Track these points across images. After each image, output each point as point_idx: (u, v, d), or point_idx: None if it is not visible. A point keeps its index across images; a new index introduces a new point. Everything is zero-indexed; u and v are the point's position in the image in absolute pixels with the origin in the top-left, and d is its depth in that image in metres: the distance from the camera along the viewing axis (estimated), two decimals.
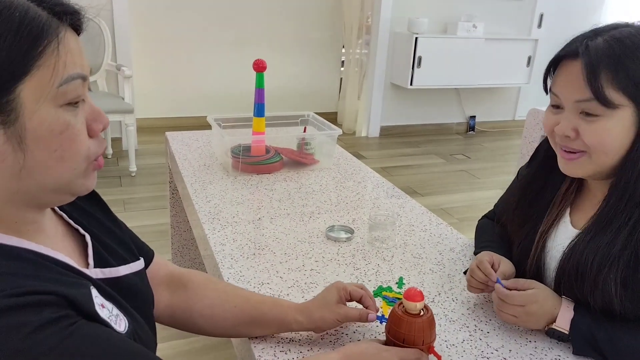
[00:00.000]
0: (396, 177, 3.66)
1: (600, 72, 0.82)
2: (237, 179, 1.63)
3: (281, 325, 0.88)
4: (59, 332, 0.50)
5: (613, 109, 0.82)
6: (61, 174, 0.58)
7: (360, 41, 4.74)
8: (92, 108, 0.62)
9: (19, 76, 0.53)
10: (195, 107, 4.58)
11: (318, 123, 1.90)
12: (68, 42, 0.57)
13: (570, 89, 0.86)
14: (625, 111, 0.83)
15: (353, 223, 1.36)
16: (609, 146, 0.85)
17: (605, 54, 0.82)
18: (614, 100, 0.82)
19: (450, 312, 1.01)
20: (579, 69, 0.84)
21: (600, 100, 0.82)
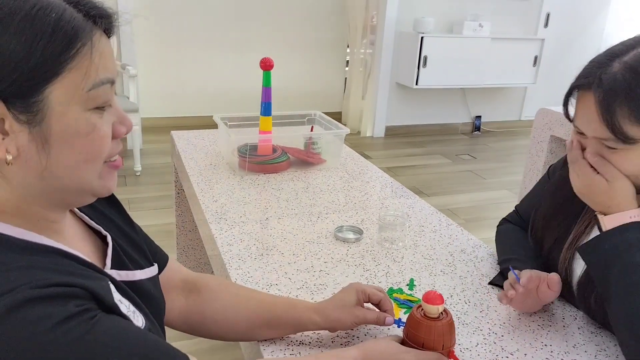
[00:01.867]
0: (401, 177, 3.64)
1: (615, 108, 0.78)
2: (244, 179, 1.61)
3: (297, 326, 0.87)
4: (83, 324, 0.50)
5: (636, 144, 0.80)
6: (83, 175, 0.59)
7: (365, 41, 4.72)
8: (118, 111, 0.62)
9: (50, 77, 0.53)
10: (200, 107, 4.57)
11: (325, 122, 1.88)
12: (100, 46, 0.57)
13: (588, 124, 0.83)
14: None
15: (362, 223, 1.34)
16: (635, 173, 0.83)
17: (620, 87, 0.78)
18: (634, 135, 0.79)
19: (463, 314, 0.99)
20: (593, 105, 0.81)
21: (619, 137, 0.79)
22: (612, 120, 0.79)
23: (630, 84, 0.77)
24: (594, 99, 0.80)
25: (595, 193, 0.86)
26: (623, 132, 0.79)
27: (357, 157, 1.89)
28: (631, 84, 0.77)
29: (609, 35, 5.21)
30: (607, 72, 0.80)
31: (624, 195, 0.84)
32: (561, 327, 0.96)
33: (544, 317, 0.99)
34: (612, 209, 0.85)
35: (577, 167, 0.88)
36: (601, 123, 0.80)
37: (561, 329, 0.96)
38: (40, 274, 0.52)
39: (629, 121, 0.78)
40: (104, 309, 0.55)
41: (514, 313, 1.00)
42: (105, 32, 0.59)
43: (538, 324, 0.97)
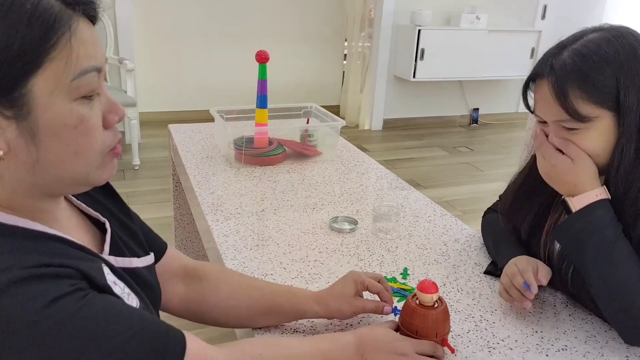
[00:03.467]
0: (399, 169, 3.65)
1: (568, 90, 0.84)
2: (240, 171, 1.62)
3: (297, 315, 0.88)
4: (75, 302, 0.51)
5: (591, 122, 0.85)
6: (76, 167, 0.58)
7: (362, 34, 4.72)
8: (108, 100, 0.61)
9: (32, 70, 0.52)
10: (198, 101, 4.57)
11: (321, 115, 1.89)
12: (81, 33, 0.55)
13: (547, 110, 0.89)
14: (603, 119, 0.85)
15: (357, 214, 1.35)
16: (596, 151, 0.87)
17: (570, 71, 0.84)
18: (588, 114, 0.84)
19: (455, 302, 1.00)
20: (548, 90, 0.86)
21: (575, 117, 0.84)
22: (566, 102, 0.84)
23: (579, 67, 0.84)
24: (548, 85, 0.86)
25: (561, 173, 0.89)
26: (577, 112, 0.84)
27: (353, 149, 1.90)
28: (580, 66, 0.84)
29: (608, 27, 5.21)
30: (558, 59, 0.86)
31: (588, 174, 0.87)
32: (552, 314, 0.98)
33: (535, 304, 1.00)
34: (578, 189, 0.88)
35: (543, 150, 0.91)
36: (557, 106, 0.85)
37: (552, 315, 0.97)
38: (33, 256, 0.53)
39: (581, 100, 0.84)
40: (96, 289, 0.56)
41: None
42: (88, 18, 0.58)
43: (529, 311, 0.98)
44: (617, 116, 0.84)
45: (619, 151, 0.85)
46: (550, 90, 0.86)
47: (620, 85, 0.82)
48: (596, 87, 0.83)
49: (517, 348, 0.88)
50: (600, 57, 0.83)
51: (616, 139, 0.86)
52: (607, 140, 0.86)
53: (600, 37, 0.86)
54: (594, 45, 0.85)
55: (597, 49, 0.84)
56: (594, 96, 0.83)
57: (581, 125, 0.85)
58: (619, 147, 0.85)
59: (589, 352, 0.88)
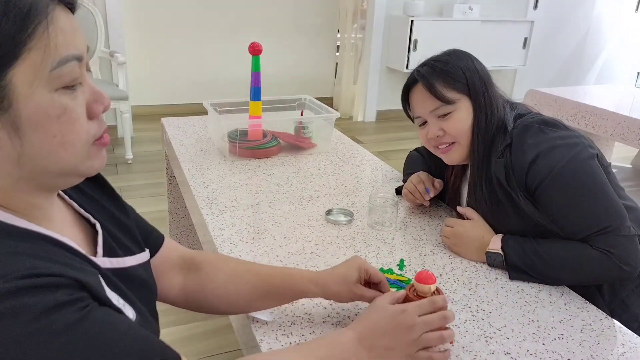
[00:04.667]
0: (393, 161, 3.65)
1: (435, 84, 1.13)
2: (235, 164, 1.61)
3: (295, 295, 0.89)
4: (74, 313, 0.49)
5: (455, 103, 1.13)
6: (64, 158, 0.57)
7: (355, 25, 4.70)
8: (92, 89, 0.59)
9: (9, 61, 0.51)
10: (191, 94, 4.54)
11: (315, 106, 1.89)
12: (59, 22, 0.54)
13: (423, 104, 1.16)
14: (463, 102, 1.13)
15: (352, 206, 1.35)
16: (465, 127, 1.14)
17: (432, 72, 1.15)
18: (452, 98, 1.13)
19: (452, 293, 1.00)
20: (422, 89, 1.15)
21: (444, 101, 1.13)
22: (435, 92, 1.13)
23: (438, 67, 1.14)
24: (421, 86, 1.15)
25: (460, 238, 1.15)
26: (445, 97, 1.12)
27: (347, 141, 1.89)
28: (439, 67, 1.14)
29: (598, 16, 5.21)
30: (422, 69, 1.16)
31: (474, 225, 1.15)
32: (548, 303, 0.99)
33: (531, 294, 1.01)
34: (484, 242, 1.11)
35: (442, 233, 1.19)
36: (431, 98, 1.13)
37: (548, 304, 0.98)
38: (28, 262, 0.50)
39: (445, 89, 1.13)
40: (96, 301, 0.54)
41: (501, 290, 1.02)
42: (67, 6, 0.56)
43: (525, 300, 0.99)
44: (471, 99, 1.13)
45: (476, 121, 1.13)
46: (423, 88, 1.14)
47: (465, 75, 1.13)
48: (452, 78, 1.13)
49: (513, 337, 0.88)
50: (449, 60, 1.15)
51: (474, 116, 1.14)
52: (469, 117, 1.14)
53: (446, 52, 1.19)
54: (444, 55, 1.18)
55: (447, 56, 1.17)
56: (452, 84, 1.13)
57: (450, 109, 1.13)
58: (476, 119, 1.13)
59: (585, 340, 0.89)
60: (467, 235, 1.13)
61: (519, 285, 1.04)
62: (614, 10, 5.21)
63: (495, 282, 1.04)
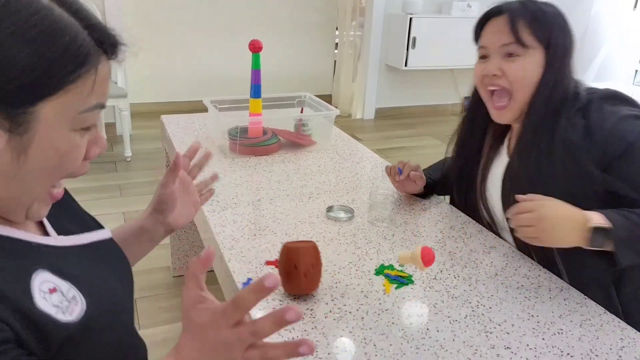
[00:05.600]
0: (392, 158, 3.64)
1: (519, 21, 1.07)
2: (235, 161, 1.62)
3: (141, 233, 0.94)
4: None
5: (527, 49, 1.07)
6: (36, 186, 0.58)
7: (354, 23, 4.70)
8: (97, 132, 0.62)
9: (46, 95, 0.53)
10: (189, 92, 4.54)
11: (315, 104, 1.89)
12: (102, 72, 0.58)
13: (496, 37, 1.10)
14: (537, 52, 1.08)
15: (352, 203, 1.36)
16: (527, 80, 1.08)
17: (523, 8, 1.09)
18: (528, 43, 1.07)
19: (452, 288, 1.01)
20: (503, 22, 1.09)
21: (519, 42, 1.07)
22: (516, 30, 1.07)
23: (529, 7, 1.09)
24: (505, 17, 1.09)
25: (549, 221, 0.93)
26: (521, 39, 1.07)
27: (347, 139, 1.90)
28: (530, 7, 1.09)
29: (596, 14, 5.23)
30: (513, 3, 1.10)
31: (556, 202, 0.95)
32: (547, 298, 0.99)
33: (531, 289, 1.02)
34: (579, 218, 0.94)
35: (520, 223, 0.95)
36: (508, 33, 1.08)
37: (547, 300, 0.99)
38: None
39: (526, 31, 1.07)
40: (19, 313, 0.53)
41: (501, 286, 1.03)
42: (109, 56, 0.60)
43: (525, 296, 1.00)
44: (546, 53, 1.08)
45: (544, 80, 1.07)
46: (505, 20, 1.08)
47: (554, 29, 1.08)
48: (539, 24, 1.07)
49: (513, 332, 0.89)
50: (545, 8, 1.09)
51: (539, 77, 1.08)
52: (534, 74, 1.08)
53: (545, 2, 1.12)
54: (542, 3, 1.11)
55: (545, 4, 1.11)
56: (536, 31, 1.07)
57: (520, 51, 1.07)
58: (545, 77, 1.07)
59: (584, 335, 0.89)
60: (557, 215, 0.93)
61: (518, 282, 1.05)
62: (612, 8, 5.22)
63: (495, 278, 1.05)
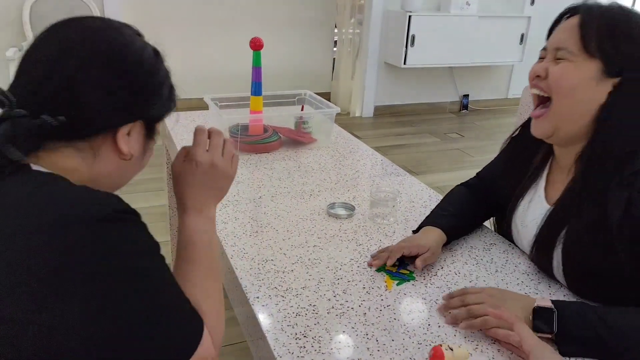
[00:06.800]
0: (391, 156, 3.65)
1: (590, 25, 0.92)
2: None
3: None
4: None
5: (584, 55, 0.91)
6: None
7: (352, 20, 4.70)
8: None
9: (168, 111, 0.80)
10: (190, 89, 4.49)
11: (315, 102, 1.90)
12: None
13: (558, 38, 0.96)
14: (592, 63, 0.91)
15: (353, 200, 1.37)
16: (568, 86, 0.92)
17: (601, 12, 0.93)
18: (590, 48, 0.91)
19: (453, 285, 1.02)
20: (574, 23, 0.94)
21: (582, 44, 0.91)
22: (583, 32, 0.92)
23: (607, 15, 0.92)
24: (577, 19, 0.94)
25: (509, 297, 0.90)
26: (586, 41, 0.91)
27: (347, 136, 1.90)
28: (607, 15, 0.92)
29: None
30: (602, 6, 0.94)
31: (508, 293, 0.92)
32: (547, 294, 1.00)
33: (531, 286, 1.03)
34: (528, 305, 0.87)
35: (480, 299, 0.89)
36: (575, 31, 0.93)
37: (547, 296, 1.00)
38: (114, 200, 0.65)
39: (594, 37, 0.91)
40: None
41: (501, 283, 1.04)
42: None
43: (525, 292, 1.00)
44: (606, 74, 0.90)
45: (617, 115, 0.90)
46: (577, 22, 0.93)
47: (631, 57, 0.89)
48: (613, 37, 0.90)
49: None
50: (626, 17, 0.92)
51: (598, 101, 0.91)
52: (585, 84, 0.91)
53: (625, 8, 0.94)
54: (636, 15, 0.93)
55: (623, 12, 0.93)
56: (605, 42, 0.90)
57: (571, 57, 0.92)
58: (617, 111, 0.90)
59: None
60: (503, 293, 0.91)
61: (518, 278, 1.05)
62: None
63: (496, 275, 1.06)
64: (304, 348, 0.83)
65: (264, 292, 0.97)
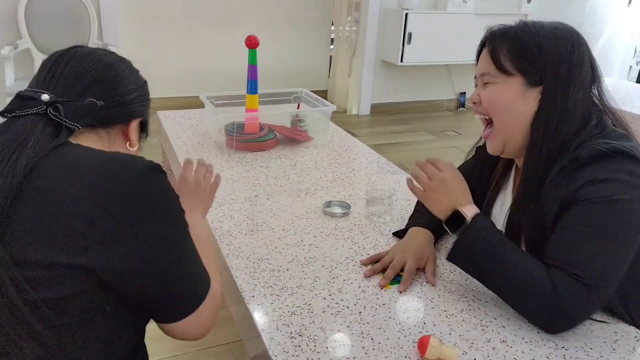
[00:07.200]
0: (387, 154, 3.66)
1: (499, 50, 0.98)
2: (232, 157, 1.62)
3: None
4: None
5: (505, 75, 0.98)
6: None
7: (349, 18, 4.69)
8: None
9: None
10: (184, 88, 4.53)
11: (311, 100, 1.89)
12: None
13: (479, 66, 1.04)
14: (513, 79, 0.98)
15: (349, 198, 1.37)
16: (499, 105, 1.00)
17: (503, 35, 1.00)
18: (507, 68, 0.98)
19: (449, 283, 1.02)
20: (486, 52, 1.01)
21: (497, 67, 0.98)
22: (495, 58, 0.99)
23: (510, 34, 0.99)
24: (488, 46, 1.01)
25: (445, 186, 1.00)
26: (501, 64, 0.98)
27: (344, 135, 1.90)
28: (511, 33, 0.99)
29: (591, 10, 5.24)
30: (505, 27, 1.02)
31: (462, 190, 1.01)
32: None
33: None
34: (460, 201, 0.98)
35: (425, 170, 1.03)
36: (488, 61, 1.00)
37: None
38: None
39: (505, 57, 0.98)
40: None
41: None
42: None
43: None
44: (528, 85, 0.97)
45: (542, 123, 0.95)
46: (487, 50, 1.01)
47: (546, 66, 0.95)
48: (521, 53, 0.96)
49: (509, 326, 0.90)
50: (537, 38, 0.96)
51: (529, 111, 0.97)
52: (512, 101, 0.98)
53: (549, 25, 0.99)
54: (539, 28, 0.98)
55: (540, 31, 0.97)
56: (516, 58, 0.97)
57: (496, 80, 0.99)
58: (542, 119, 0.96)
59: (579, 328, 0.90)
60: (453, 187, 1.00)
61: None
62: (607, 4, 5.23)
63: None
64: (299, 347, 0.83)
65: (259, 290, 0.97)
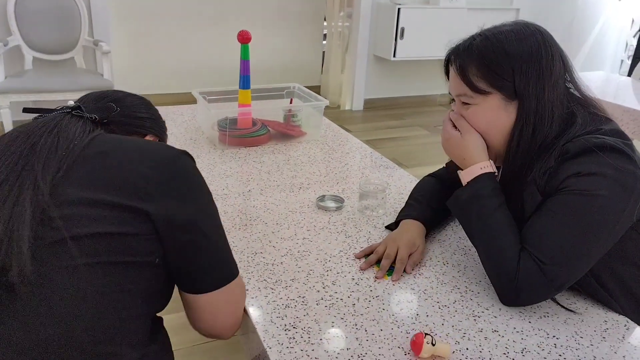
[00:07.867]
0: (381, 149, 3.67)
1: (468, 70, 0.98)
2: (225, 152, 1.62)
3: None
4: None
5: (483, 95, 0.98)
6: None
7: (342, 13, 4.69)
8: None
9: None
10: (177, 83, 4.51)
11: (304, 95, 1.89)
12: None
13: (453, 87, 1.03)
14: (491, 97, 0.97)
15: (343, 193, 1.37)
16: (484, 125, 1.00)
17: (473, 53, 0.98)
18: (482, 88, 0.97)
19: (441, 275, 1.03)
20: (455, 70, 1.01)
21: (472, 89, 0.98)
22: (466, 77, 0.98)
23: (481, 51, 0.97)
24: (455, 66, 1.01)
25: (452, 146, 1.04)
26: (475, 86, 0.97)
27: (337, 130, 1.91)
28: (482, 50, 0.97)
29: (583, 4, 5.26)
30: (467, 44, 1.01)
31: (475, 148, 1.01)
32: None
33: None
34: (467, 162, 1.02)
35: (443, 125, 1.07)
36: (460, 82, 0.99)
37: None
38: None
39: (477, 77, 0.97)
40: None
41: None
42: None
43: None
44: (507, 99, 0.96)
45: (518, 131, 0.96)
46: (456, 69, 1.00)
47: (515, 76, 0.94)
48: (491, 70, 0.96)
49: (501, 316, 0.91)
50: (501, 49, 0.95)
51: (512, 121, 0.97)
52: (494, 119, 0.98)
53: (510, 30, 0.98)
54: (501, 37, 0.97)
55: (503, 40, 0.96)
56: (488, 76, 0.96)
57: (474, 100, 0.99)
58: (518, 127, 0.96)
59: (570, 317, 0.92)
60: (471, 149, 1.00)
61: None
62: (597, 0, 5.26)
63: None
64: (293, 339, 0.83)
65: (253, 284, 0.98)
